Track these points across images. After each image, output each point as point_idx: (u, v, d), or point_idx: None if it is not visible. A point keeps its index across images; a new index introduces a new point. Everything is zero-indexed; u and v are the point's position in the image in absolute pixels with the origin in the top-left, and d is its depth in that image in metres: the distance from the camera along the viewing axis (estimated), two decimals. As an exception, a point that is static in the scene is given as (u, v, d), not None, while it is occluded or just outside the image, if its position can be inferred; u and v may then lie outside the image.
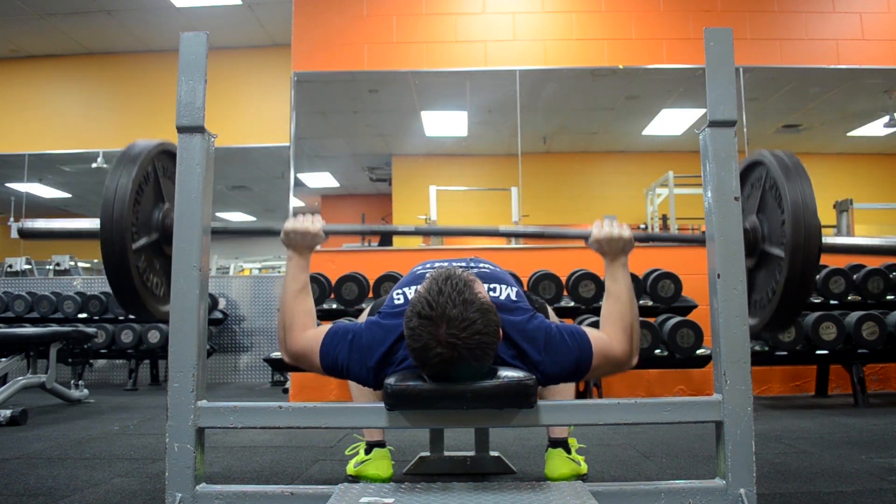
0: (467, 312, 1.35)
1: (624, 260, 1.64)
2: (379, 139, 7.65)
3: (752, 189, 1.75)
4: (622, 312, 1.58)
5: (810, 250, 1.52)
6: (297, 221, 1.65)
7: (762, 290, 1.70)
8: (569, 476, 1.80)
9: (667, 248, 5.19)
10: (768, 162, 1.64)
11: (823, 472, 2.12)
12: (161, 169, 1.70)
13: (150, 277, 1.66)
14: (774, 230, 1.63)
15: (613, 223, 1.63)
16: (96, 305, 5.34)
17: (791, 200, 1.53)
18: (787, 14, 4.83)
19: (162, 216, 1.68)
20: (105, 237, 1.51)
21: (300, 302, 1.62)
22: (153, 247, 1.66)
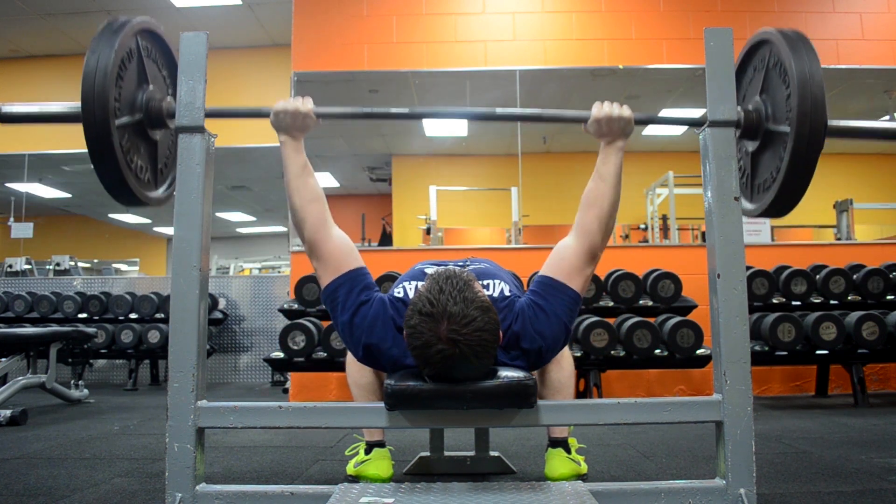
0: (468, 310, 1.36)
1: (621, 144, 1.61)
2: (379, 139, 7.65)
3: (755, 72, 1.69)
4: (604, 193, 1.58)
5: (817, 120, 1.47)
6: (288, 102, 1.62)
7: (765, 172, 1.65)
8: (569, 476, 1.80)
9: (667, 248, 5.19)
10: (774, 38, 1.58)
11: (823, 472, 2.12)
12: (145, 49, 1.62)
13: (133, 159, 1.58)
14: (779, 108, 1.58)
15: (614, 104, 1.61)
16: (96, 305, 5.34)
17: (797, 71, 1.48)
18: (787, 14, 4.83)
19: (146, 98, 1.60)
20: (87, 109, 1.43)
21: (305, 184, 1.60)
22: (136, 127, 1.59)
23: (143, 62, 1.61)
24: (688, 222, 6.75)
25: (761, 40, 1.65)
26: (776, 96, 1.59)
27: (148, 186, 1.67)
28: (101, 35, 1.49)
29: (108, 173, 1.50)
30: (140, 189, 1.60)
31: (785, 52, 1.52)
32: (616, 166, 1.60)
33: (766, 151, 1.65)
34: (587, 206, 1.60)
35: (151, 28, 1.65)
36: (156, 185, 1.71)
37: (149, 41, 1.66)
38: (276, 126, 1.63)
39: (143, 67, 1.61)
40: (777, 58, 1.57)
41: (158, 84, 1.68)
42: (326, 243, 1.58)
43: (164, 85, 1.73)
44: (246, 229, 12.79)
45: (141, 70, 1.61)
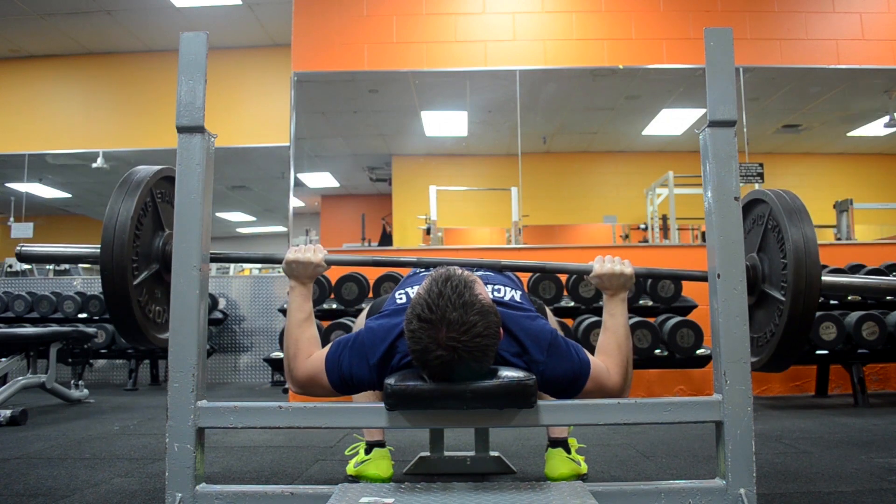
0: (467, 315, 1.35)
1: (623, 296, 1.66)
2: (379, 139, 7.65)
3: (754, 225, 1.75)
4: (619, 346, 1.60)
5: (810, 297, 1.53)
6: (299, 252, 1.65)
7: (761, 328, 1.71)
8: (569, 476, 1.80)
9: (667, 248, 5.19)
10: (770, 201, 1.64)
11: (823, 472, 2.12)
12: (160, 195, 1.68)
13: (151, 308, 1.66)
14: (775, 271, 1.64)
15: (615, 260, 1.66)
16: (96, 305, 5.34)
17: (794, 245, 1.53)
18: (787, 14, 4.83)
19: (162, 244, 1.66)
20: (106, 275, 1.51)
21: (304, 331, 1.62)
22: (154, 277, 1.66)
23: (158, 210, 1.67)
24: (688, 222, 6.75)
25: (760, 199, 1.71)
26: (773, 258, 1.65)
27: (164, 328, 1.72)
28: (118, 193, 1.56)
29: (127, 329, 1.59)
30: (156, 334, 1.68)
31: (782, 221, 1.58)
32: (623, 320, 1.64)
33: (761, 309, 1.72)
34: (604, 354, 1.61)
35: (168, 175, 1.70)
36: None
37: (165, 186, 1.71)
38: (288, 274, 1.67)
39: (159, 215, 1.67)
40: (775, 222, 1.63)
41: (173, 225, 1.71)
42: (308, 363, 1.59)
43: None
44: (246, 229, 12.78)
45: (156, 218, 1.67)
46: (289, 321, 1.63)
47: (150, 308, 1.65)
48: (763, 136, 6.33)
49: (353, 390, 1.59)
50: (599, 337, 1.65)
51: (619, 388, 1.57)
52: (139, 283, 1.58)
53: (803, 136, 6.81)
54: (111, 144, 6.62)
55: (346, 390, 1.59)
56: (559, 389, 1.54)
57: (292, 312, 1.63)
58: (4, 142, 6.83)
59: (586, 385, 1.52)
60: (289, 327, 1.63)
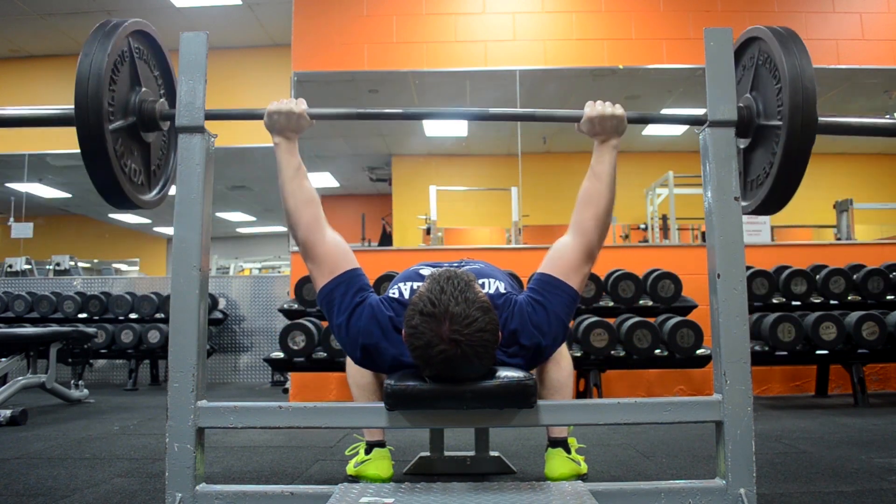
0: (470, 310, 1.36)
1: (615, 142, 1.63)
2: (379, 139, 7.65)
3: (745, 70, 1.70)
4: (600, 192, 1.60)
5: (808, 113, 1.47)
6: (282, 104, 1.62)
7: (758, 168, 1.65)
8: (569, 476, 1.80)
9: (667, 248, 5.19)
10: (763, 35, 1.58)
11: (823, 472, 2.12)
12: (136, 50, 1.62)
13: (127, 163, 1.59)
14: (770, 104, 1.58)
15: (607, 103, 1.62)
16: (96, 305, 5.34)
17: (788, 66, 1.48)
18: (787, 14, 4.83)
19: (139, 100, 1.60)
20: (80, 114, 1.43)
21: (299, 186, 1.60)
22: (130, 130, 1.59)
23: (136, 64, 1.61)
24: (688, 222, 6.75)
25: (751, 37, 1.66)
26: (767, 93, 1.59)
27: (142, 189, 1.68)
28: (93, 38, 1.48)
29: (103, 178, 1.50)
30: (134, 192, 1.61)
31: (775, 48, 1.52)
32: (610, 165, 1.61)
33: (758, 148, 1.65)
34: (583, 205, 1.61)
35: (144, 29, 1.65)
36: (149, 187, 1.72)
37: (141, 42, 1.66)
38: (270, 127, 1.62)
39: (136, 69, 1.61)
40: (767, 55, 1.58)
41: (151, 85, 1.68)
42: (321, 245, 1.58)
43: (157, 86, 1.73)
44: (246, 229, 12.79)
45: (133, 72, 1.61)
46: (281, 177, 1.60)
47: (126, 162, 1.57)
48: (763, 136, 6.32)
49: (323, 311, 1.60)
50: (584, 183, 1.63)
51: (595, 244, 1.59)
52: (115, 129, 1.51)
53: (803, 136, 6.79)
54: (111, 144, 6.62)
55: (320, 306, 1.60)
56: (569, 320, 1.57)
57: (282, 167, 1.61)
58: (4, 142, 6.83)
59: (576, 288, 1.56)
60: (282, 185, 1.60)
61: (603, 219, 1.59)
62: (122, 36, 1.52)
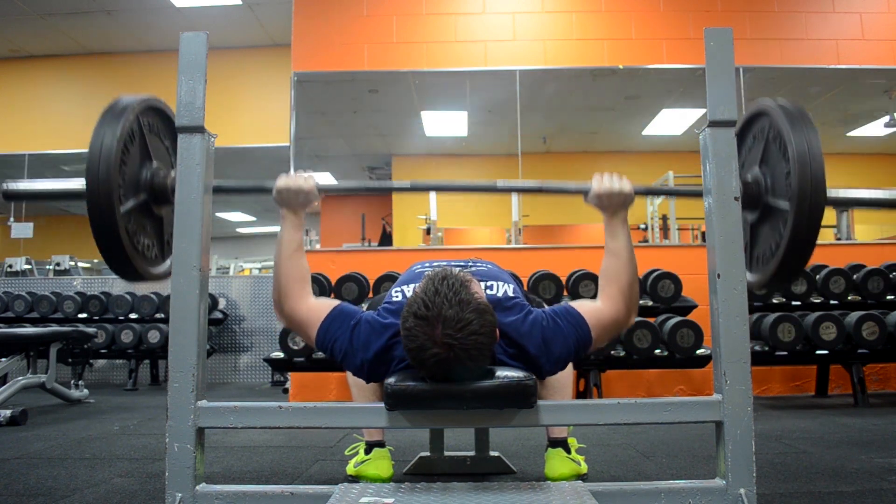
0: (463, 313, 1.35)
1: (624, 215, 1.62)
2: (379, 139, 7.66)
3: (755, 141, 1.69)
4: (620, 270, 1.58)
5: (817, 199, 1.46)
6: (290, 179, 1.62)
7: (765, 245, 1.65)
8: (569, 476, 1.80)
9: (667, 248, 5.19)
10: (772, 111, 1.57)
11: (823, 472, 2.12)
12: (147, 125, 1.63)
13: (140, 240, 1.60)
14: (779, 182, 1.57)
15: (613, 177, 1.61)
16: (96, 305, 5.34)
17: (797, 149, 1.47)
18: (787, 14, 4.83)
19: (150, 175, 1.61)
20: (91, 200, 1.44)
21: (295, 263, 1.60)
22: (142, 208, 1.60)
23: (146, 140, 1.61)
24: (688, 222, 6.75)
25: (760, 111, 1.65)
26: (776, 170, 1.59)
27: (154, 262, 1.68)
28: (103, 119, 1.50)
29: (115, 260, 1.53)
30: (146, 267, 1.62)
31: (784, 128, 1.51)
32: (625, 239, 1.60)
33: (766, 224, 1.65)
34: (606, 281, 1.60)
35: (154, 105, 1.66)
36: (163, 258, 1.72)
37: (151, 117, 1.66)
38: (279, 202, 1.63)
39: (146, 145, 1.62)
40: (777, 132, 1.57)
41: (162, 157, 1.68)
42: (304, 309, 1.58)
43: (168, 155, 1.72)
44: (246, 229, 12.80)
45: (143, 148, 1.61)
46: (278, 253, 1.61)
47: (138, 239, 1.58)
48: (763, 136, 6.32)
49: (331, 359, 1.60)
50: (602, 262, 1.62)
51: (623, 315, 1.56)
52: (127, 210, 1.52)
53: (803, 136, 6.79)
54: (111, 144, 6.62)
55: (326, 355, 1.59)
56: (570, 360, 1.55)
57: (283, 243, 1.61)
58: (4, 142, 6.83)
59: (592, 339, 1.53)
60: (278, 259, 1.60)
61: (627, 292, 1.57)
62: (131, 115, 1.54)
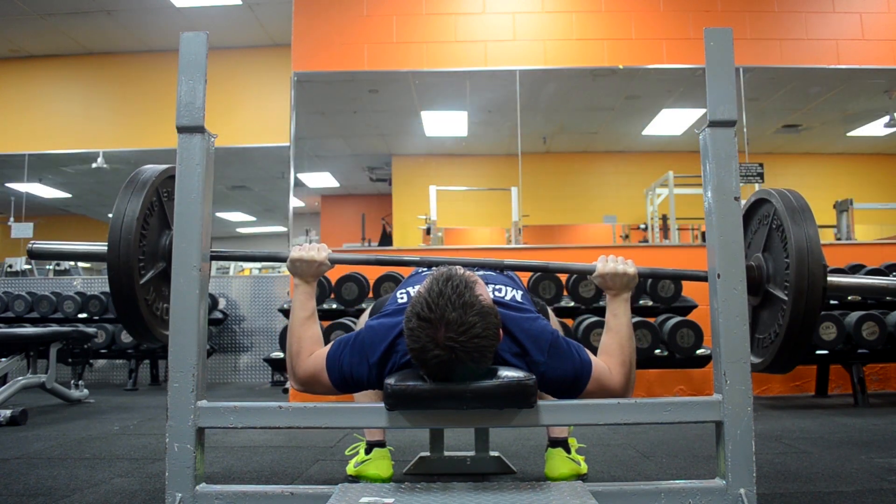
0: (466, 316, 1.35)
1: (626, 295, 1.65)
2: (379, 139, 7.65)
3: (760, 225, 1.74)
4: (621, 346, 1.60)
5: (813, 297, 1.52)
6: (303, 250, 1.65)
7: (766, 329, 1.71)
8: (569, 476, 1.80)
9: (667, 248, 5.20)
10: (775, 201, 1.63)
11: (823, 472, 2.12)
12: (166, 194, 1.69)
13: (158, 306, 1.67)
14: (779, 271, 1.63)
15: (619, 259, 1.65)
16: (96, 305, 5.34)
17: (796, 245, 1.52)
18: (787, 14, 4.83)
19: (168, 243, 1.66)
20: (113, 275, 1.52)
21: (307, 329, 1.63)
22: (161, 276, 1.67)
23: (165, 208, 1.67)
24: (688, 222, 6.75)
25: (764, 199, 1.70)
26: (777, 258, 1.64)
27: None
28: (124, 193, 1.56)
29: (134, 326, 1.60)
30: (163, 331, 1.66)
31: (785, 220, 1.57)
32: (626, 321, 1.63)
33: (766, 310, 1.71)
34: (605, 355, 1.61)
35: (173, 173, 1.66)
36: None
37: (170, 186, 1.69)
38: (292, 272, 1.67)
39: (165, 214, 1.68)
40: (779, 222, 1.62)
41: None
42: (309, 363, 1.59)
43: None
44: (246, 229, 12.78)
45: (162, 217, 1.67)
46: (292, 319, 1.64)
47: (157, 306, 1.66)
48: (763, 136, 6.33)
49: (353, 389, 1.60)
50: (602, 337, 1.65)
51: (621, 387, 1.56)
52: (146, 282, 1.59)
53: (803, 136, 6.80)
54: (111, 144, 6.62)
55: (347, 389, 1.59)
56: (561, 390, 1.53)
57: (296, 311, 1.64)
58: (4, 142, 6.83)
59: (588, 385, 1.52)
60: (292, 325, 1.63)
61: (626, 368, 1.58)
62: (151, 190, 1.60)
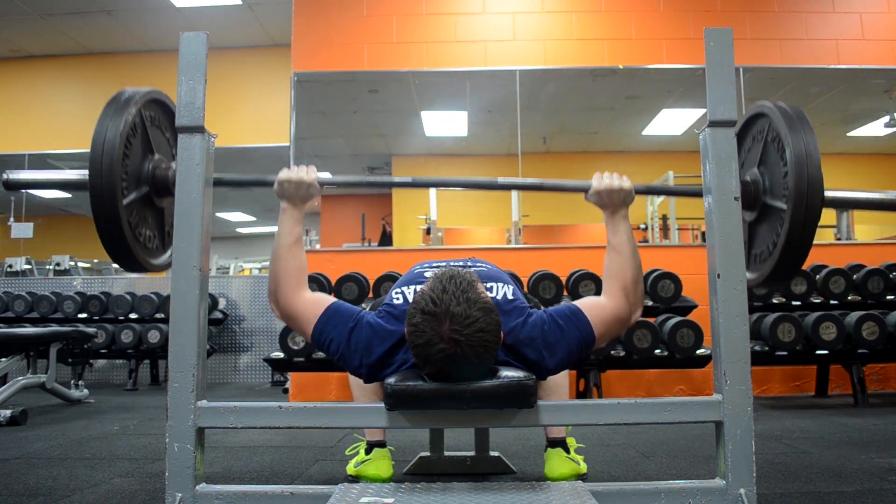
0: (471, 310, 1.36)
1: (625, 212, 1.63)
2: (379, 139, 7.65)
3: (754, 142, 1.71)
4: (623, 266, 1.59)
5: (813, 200, 1.48)
6: (292, 172, 1.63)
7: (762, 244, 1.67)
8: (568, 476, 1.80)
9: (667, 248, 5.19)
10: (771, 113, 1.59)
11: (823, 472, 2.12)
12: (149, 118, 1.64)
13: (142, 231, 1.62)
14: (776, 183, 1.59)
15: (614, 175, 1.63)
16: (96, 305, 5.34)
17: (794, 151, 1.49)
18: (787, 14, 4.83)
19: (152, 168, 1.63)
20: (95, 193, 1.46)
21: (293, 255, 1.61)
22: (144, 200, 1.62)
23: (148, 132, 1.63)
24: (688, 222, 6.75)
25: (760, 113, 1.67)
26: (774, 170, 1.61)
27: (155, 253, 1.71)
28: (106, 112, 1.52)
29: (117, 250, 1.55)
30: (147, 258, 1.64)
31: (783, 129, 1.53)
32: (627, 236, 1.61)
33: (763, 223, 1.68)
34: (609, 278, 1.60)
35: (156, 98, 1.67)
36: (164, 249, 1.75)
37: (154, 110, 1.68)
38: (280, 195, 1.64)
39: (148, 138, 1.64)
40: (775, 133, 1.59)
41: (164, 150, 1.70)
42: (299, 301, 1.59)
43: (169, 147, 1.74)
44: (246, 229, 12.80)
45: (146, 141, 1.63)
46: (278, 244, 1.61)
47: (140, 231, 1.61)
48: (763, 136, 6.32)
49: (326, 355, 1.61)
50: (605, 258, 1.62)
51: (625, 312, 1.57)
52: (129, 202, 1.54)
53: (803, 136, 6.79)
54: (111, 144, 6.62)
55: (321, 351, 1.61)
56: (577, 358, 1.55)
57: (283, 235, 1.62)
58: (4, 142, 6.83)
59: (595, 337, 1.54)
60: (277, 250, 1.61)
61: (631, 289, 1.58)
62: (133, 109, 1.55)
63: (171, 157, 1.72)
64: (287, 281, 1.59)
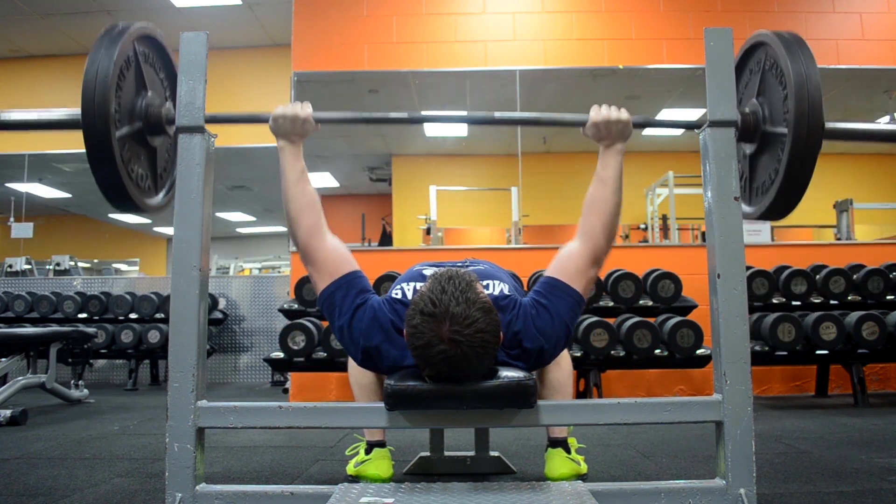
0: (470, 311, 1.36)
1: (620, 147, 1.62)
2: (379, 139, 7.65)
3: (752, 74, 1.69)
4: (605, 198, 1.59)
5: (814, 121, 1.46)
6: (287, 107, 1.62)
7: (763, 174, 1.64)
8: (569, 476, 1.80)
9: (667, 248, 5.19)
10: (769, 41, 1.57)
11: (823, 472, 2.12)
12: (142, 55, 1.63)
13: (134, 168, 1.60)
14: (776, 110, 1.57)
15: (612, 107, 1.62)
16: (96, 305, 5.34)
17: (794, 73, 1.47)
18: (787, 14, 4.83)
19: (145, 104, 1.61)
20: (87, 122, 1.43)
21: (302, 191, 1.60)
22: (137, 136, 1.60)
23: (142, 68, 1.61)
24: (688, 222, 6.75)
25: (757, 42, 1.65)
26: (773, 99, 1.59)
27: (148, 193, 1.69)
28: (99, 43, 1.49)
29: (110, 183, 1.51)
30: (140, 197, 1.62)
31: (781, 55, 1.51)
32: (616, 170, 1.60)
33: (764, 154, 1.64)
34: (589, 210, 1.61)
35: (150, 33, 1.66)
36: (156, 190, 1.74)
37: (147, 46, 1.66)
38: (275, 131, 1.63)
39: (142, 74, 1.61)
40: (773, 60, 1.57)
41: (157, 89, 1.69)
42: (321, 249, 1.58)
43: (163, 89, 1.74)
44: (246, 229, 12.79)
45: (139, 77, 1.61)
46: (284, 182, 1.61)
47: (132, 167, 1.59)
48: (763, 136, 6.32)
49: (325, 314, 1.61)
50: (590, 187, 1.62)
51: (602, 249, 1.58)
52: (122, 136, 1.52)
53: (803, 136, 6.79)
54: (111, 144, 6.62)
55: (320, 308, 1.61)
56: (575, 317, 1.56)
57: (286, 172, 1.62)
58: (4, 142, 6.82)
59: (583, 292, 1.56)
60: (286, 187, 1.61)
61: (610, 224, 1.59)
62: (127, 41, 1.53)
63: (164, 97, 1.72)
64: (302, 215, 1.59)
